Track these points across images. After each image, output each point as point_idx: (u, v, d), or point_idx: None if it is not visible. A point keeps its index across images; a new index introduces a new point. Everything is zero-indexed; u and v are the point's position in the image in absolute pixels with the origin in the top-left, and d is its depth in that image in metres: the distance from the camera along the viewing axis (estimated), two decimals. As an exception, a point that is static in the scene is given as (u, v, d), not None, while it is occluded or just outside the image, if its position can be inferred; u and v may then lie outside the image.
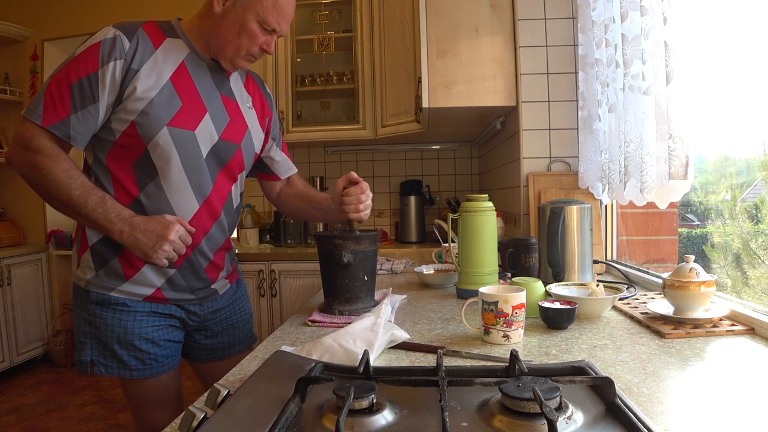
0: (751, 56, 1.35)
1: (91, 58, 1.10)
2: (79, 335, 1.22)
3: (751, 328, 1.00)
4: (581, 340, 1.00)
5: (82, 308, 1.21)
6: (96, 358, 1.20)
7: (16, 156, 1.12)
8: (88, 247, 1.19)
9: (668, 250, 1.87)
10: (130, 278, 1.19)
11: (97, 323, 1.19)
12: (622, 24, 1.40)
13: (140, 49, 1.14)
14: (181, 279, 1.24)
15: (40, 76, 3.82)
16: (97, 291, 1.19)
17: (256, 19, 1.17)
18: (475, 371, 0.77)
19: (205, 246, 1.26)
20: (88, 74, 1.09)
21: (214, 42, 1.21)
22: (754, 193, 1.54)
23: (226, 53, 1.21)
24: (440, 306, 1.34)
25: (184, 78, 1.19)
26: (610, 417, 0.61)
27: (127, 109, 1.12)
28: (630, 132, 1.41)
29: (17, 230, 3.85)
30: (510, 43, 2.06)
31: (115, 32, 1.13)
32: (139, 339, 1.20)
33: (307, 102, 3.41)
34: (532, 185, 1.94)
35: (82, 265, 1.21)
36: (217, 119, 1.23)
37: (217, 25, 1.19)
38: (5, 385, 3.33)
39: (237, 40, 1.19)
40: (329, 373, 0.75)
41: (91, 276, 1.19)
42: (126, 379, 1.22)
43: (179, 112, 1.16)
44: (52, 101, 1.09)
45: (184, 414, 0.61)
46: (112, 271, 1.19)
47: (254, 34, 1.18)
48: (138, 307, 1.20)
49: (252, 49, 1.21)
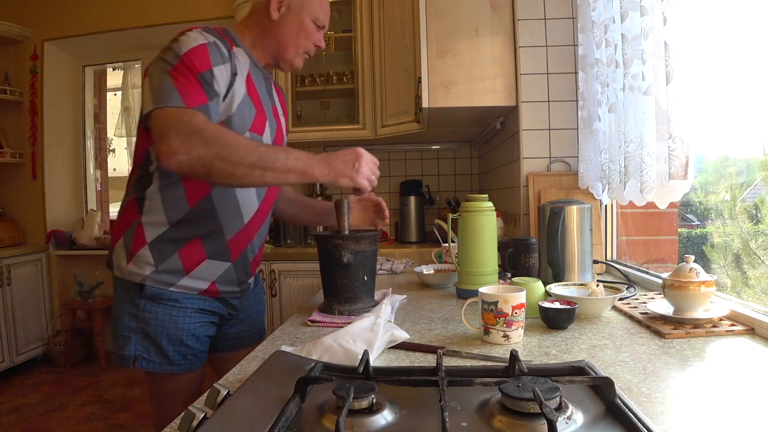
0: (751, 56, 1.35)
1: (203, 57, 1.13)
2: (122, 330, 1.22)
3: (751, 328, 1.00)
4: (581, 340, 1.00)
5: (129, 303, 1.22)
6: (140, 353, 1.21)
7: (180, 142, 1.00)
8: (146, 244, 1.21)
9: (668, 250, 1.87)
10: (190, 273, 1.23)
11: (147, 318, 1.21)
12: (622, 24, 1.40)
13: (231, 56, 1.20)
14: (234, 272, 1.31)
15: (40, 76, 3.82)
16: (155, 286, 1.21)
17: (310, 18, 1.29)
18: (475, 371, 0.77)
19: (256, 241, 1.35)
20: (209, 69, 1.12)
21: (274, 46, 1.30)
22: (754, 193, 1.54)
23: (288, 54, 1.31)
24: (440, 306, 1.34)
25: (251, 85, 1.26)
26: (610, 417, 0.61)
27: (221, 111, 1.17)
28: (630, 132, 1.41)
29: (17, 230, 3.85)
30: (510, 43, 2.06)
31: (212, 37, 1.17)
32: (187, 335, 1.24)
33: (306, 102, 3.41)
34: (532, 185, 1.94)
35: (138, 261, 1.21)
36: (271, 125, 1.32)
37: (276, 30, 1.29)
38: (5, 385, 3.33)
39: (296, 40, 1.30)
40: (329, 373, 0.75)
41: (149, 272, 1.21)
42: (160, 374, 1.24)
43: (255, 119, 1.24)
44: (186, 90, 1.08)
45: (184, 414, 0.61)
46: (172, 266, 1.22)
47: (310, 32, 1.31)
48: (188, 304, 1.25)
49: (308, 47, 1.32)
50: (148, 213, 1.21)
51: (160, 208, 1.21)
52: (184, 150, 1.00)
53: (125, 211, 1.26)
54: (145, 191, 1.22)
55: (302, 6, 1.28)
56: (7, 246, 3.67)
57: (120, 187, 4.41)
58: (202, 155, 1.01)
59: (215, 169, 1.02)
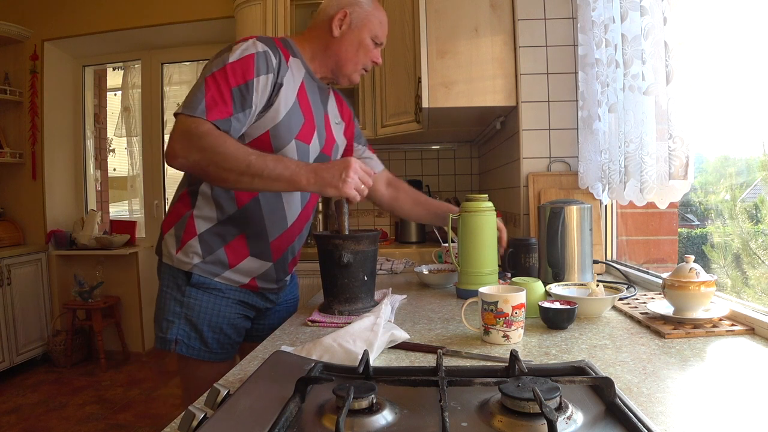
0: (751, 56, 1.35)
1: (247, 67, 1.19)
2: (167, 314, 1.31)
3: (751, 328, 1.00)
4: (581, 340, 1.00)
5: (176, 289, 1.31)
6: (181, 338, 1.29)
7: (182, 147, 1.12)
8: (196, 235, 1.29)
9: (668, 250, 1.87)
10: (233, 267, 1.32)
11: (191, 305, 1.29)
12: (622, 24, 1.40)
13: (282, 66, 1.26)
14: (273, 272, 1.39)
15: (40, 76, 3.82)
16: (201, 275, 1.29)
17: (369, 36, 1.37)
18: (475, 371, 0.77)
19: (296, 244, 1.44)
20: (246, 81, 1.18)
21: (333, 61, 1.37)
22: (753, 193, 1.54)
23: (346, 70, 1.38)
24: (440, 306, 1.34)
25: (303, 95, 1.32)
26: (610, 417, 0.61)
27: (267, 118, 1.23)
28: (630, 132, 1.41)
29: (17, 230, 3.85)
30: (510, 43, 2.06)
31: (263, 47, 1.23)
32: (227, 324, 1.33)
33: (307, 102, 3.40)
34: (532, 185, 1.94)
35: (187, 251, 1.30)
36: (320, 135, 1.38)
37: (337, 46, 1.36)
38: (5, 385, 3.33)
39: (356, 56, 1.37)
40: (329, 373, 0.75)
41: (197, 261, 1.29)
42: (196, 360, 1.31)
43: (302, 127, 1.30)
44: (213, 101, 1.15)
45: (183, 414, 0.61)
46: (217, 259, 1.30)
47: (369, 49, 1.38)
48: (230, 295, 1.33)
49: (366, 63, 1.40)
50: (200, 207, 1.30)
51: (211, 205, 1.29)
52: (183, 155, 1.12)
53: (178, 202, 1.34)
54: (198, 186, 1.30)
55: (363, 24, 1.35)
56: (7, 246, 3.67)
57: (120, 187, 4.43)
58: (198, 161, 1.12)
59: (210, 173, 1.14)
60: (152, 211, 4.14)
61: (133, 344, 3.96)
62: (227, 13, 3.48)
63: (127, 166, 4.33)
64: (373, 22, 1.36)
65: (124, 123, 4.26)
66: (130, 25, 3.70)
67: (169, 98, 4.18)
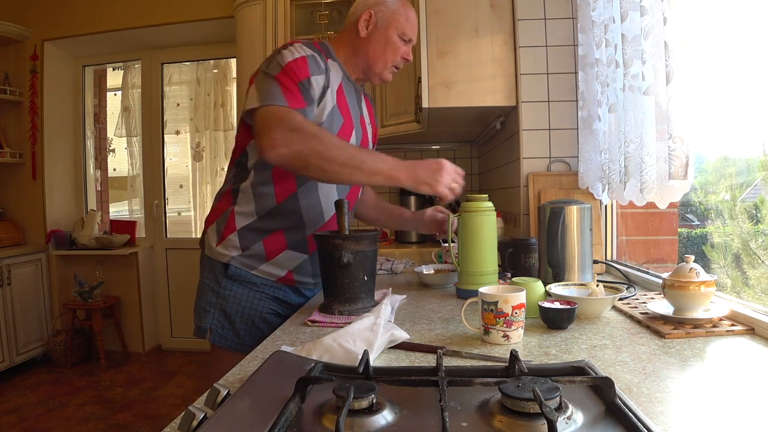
0: (751, 56, 1.35)
1: (303, 67, 1.24)
2: (204, 304, 1.38)
3: (751, 328, 1.00)
4: (581, 340, 1.00)
5: (214, 280, 1.37)
6: (215, 327, 1.36)
7: (282, 137, 1.13)
8: (236, 230, 1.35)
9: (668, 250, 1.87)
10: (271, 260, 1.37)
11: (226, 296, 1.36)
12: (622, 24, 1.40)
13: (326, 68, 1.31)
14: (309, 264, 1.42)
15: (40, 76, 3.82)
16: (239, 267, 1.35)
17: (396, 34, 1.39)
18: (475, 371, 0.77)
19: None
20: (307, 78, 1.24)
21: (363, 61, 1.41)
22: (753, 193, 1.54)
23: (376, 68, 1.42)
24: (440, 306, 1.34)
25: (341, 96, 1.37)
26: (610, 417, 0.61)
27: (314, 117, 1.27)
28: (630, 132, 1.41)
29: (17, 230, 3.85)
30: (510, 43, 2.06)
31: (311, 51, 1.29)
32: (259, 318, 1.37)
33: (307, 102, 3.40)
34: (532, 185, 1.94)
35: (227, 244, 1.36)
36: (357, 134, 1.43)
37: (365, 46, 1.40)
38: (5, 385, 3.33)
39: (384, 54, 1.40)
40: (329, 373, 0.75)
41: (236, 254, 1.35)
42: (227, 350, 1.35)
43: (342, 127, 1.34)
44: (288, 92, 1.19)
45: (183, 414, 0.61)
46: (255, 252, 1.36)
47: (397, 46, 1.41)
48: (265, 290, 1.38)
49: (396, 60, 1.43)
50: (241, 204, 1.36)
51: (251, 201, 1.35)
52: (285, 144, 1.12)
53: (221, 199, 1.41)
54: (240, 185, 1.36)
55: (388, 23, 1.39)
56: (7, 246, 3.67)
57: (120, 187, 4.43)
58: (300, 150, 1.13)
59: (311, 164, 1.14)
60: (152, 211, 4.14)
61: (133, 344, 3.96)
62: (227, 13, 3.48)
63: (127, 166, 4.33)
64: (399, 19, 1.39)
65: (124, 123, 4.26)
66: (130, 25, 3.71)
67: (169, 98, 4.19)
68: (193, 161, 4.23)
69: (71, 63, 4.13)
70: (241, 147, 1.38)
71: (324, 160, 1.14)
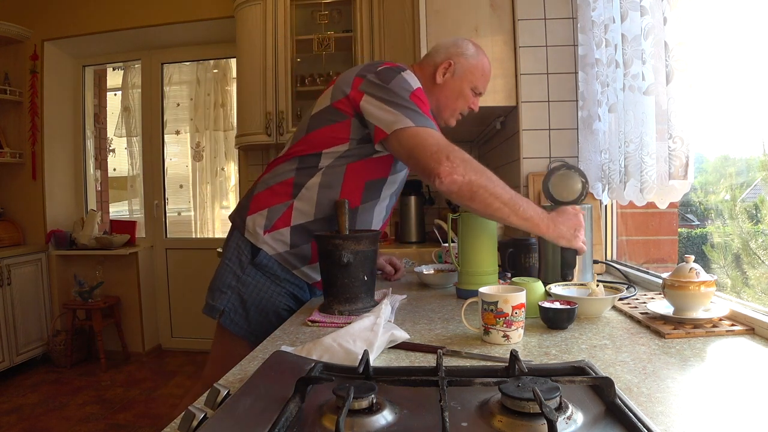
0: (751, 56, 1.35)
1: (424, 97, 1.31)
2: (221, 284, 1.38)
3: (751, 328, 1.00)
4: (581, 340, 1.00)
5: (238, 264, 1.37)
6: (228, 310, 1.36)
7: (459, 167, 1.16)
8: (290, 226, 1.35)
9: (668, 250, 1.87)
10: (314, 263, 1.36)
11: (248, 282, 1.36)
12: (622, 24, 1.40)
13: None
14: None
15: (40, 76, 3.83)
16: (281, 263, 1.36)
17: (470, 87, 1.45)
18: (475, 371, 0.77)
19: None
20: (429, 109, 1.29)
21: (434, 104, 1.44)
22: (753, 193, 1.54)
23: (444, 114, 1.48)
24: (440, 306, 1.34)
25: None
26: (610, 417, 0.61)
27: None
28: (630, 132, 1.41)
29: (17, 230, 3.85)
30: (510, 43, 2.06)
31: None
32: (273, 312, 1.38)
33: (307, 102, 3.40)
34: (532, 185, 1.94)
35: (276, 237, 1.35)
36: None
37: (438, 92, 1.44)
38: (5, 385, 3.33)
39: (454, 103, 1.47)
40: (329, 373, 0.75)
41: (283, 250, 1.35)
42: (235, 336, 1.36)
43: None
44: (432, 119, 1.24)
45: (183, 414, 0.61)
46: (302, 253, 1.36)
47: (468, 97, 1.47)
48: (286, 285, 1.38)
49: (464, 109, 1.49)
50: (302, 200, 1.35)
51: (312, 202, 1.34)
52: (461, 173, 1.16)
53: (280, 186, 1.37)
54: (307, 180, 1.34)
55: (465, 75, 1.43)
56: (7, 246, 3.67)
57: (120, 187, 4.43)
58: (473, 181, 1.16)
59: (478, 196, 1.17)
60: (152, 211, 4.14)
61: (133, 344, 3.96)
62: (227, 13, 3.48)
63: (127, 166, 4.33)
64: (476, 74, 1.44)
65: (124, 123, 4.27)
66: (130, 25, 3.71)
67: (169, 98, 4.19)
68: (193, 161, 4.23)
69: (71, 63, 4.13)
70: (317, 147, 1.33)
71: (490, 195, 1.17)
